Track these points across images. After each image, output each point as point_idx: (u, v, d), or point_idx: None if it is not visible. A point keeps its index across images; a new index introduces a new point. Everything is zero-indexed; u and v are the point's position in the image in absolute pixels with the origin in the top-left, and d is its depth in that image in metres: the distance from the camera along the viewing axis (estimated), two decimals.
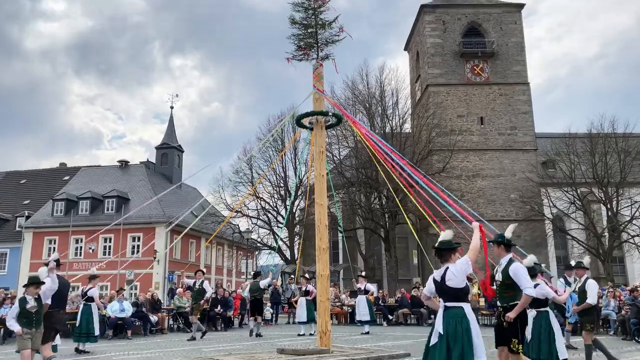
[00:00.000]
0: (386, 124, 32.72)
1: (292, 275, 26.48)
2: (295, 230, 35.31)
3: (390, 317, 19.85)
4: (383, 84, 33.71)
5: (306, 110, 10.13)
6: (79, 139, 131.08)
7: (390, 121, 32.93)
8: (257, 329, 14.79)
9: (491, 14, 39.64)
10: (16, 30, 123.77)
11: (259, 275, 16.24)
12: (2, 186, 44.68)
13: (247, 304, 17.19)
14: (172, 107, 46.77)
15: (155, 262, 32.89)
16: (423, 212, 11.56)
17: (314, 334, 12.91)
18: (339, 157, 34.48)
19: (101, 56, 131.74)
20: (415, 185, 9.60)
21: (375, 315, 17.53)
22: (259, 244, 36.37)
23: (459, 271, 4.95)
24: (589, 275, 8.68)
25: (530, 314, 6.56)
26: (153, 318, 16.86)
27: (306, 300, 15.36)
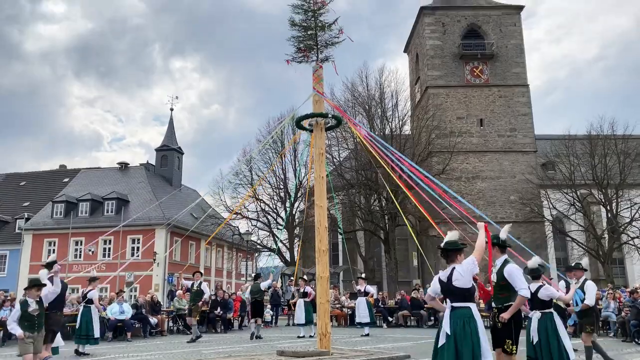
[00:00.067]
0: (386, 125, 32.71)
1: (292, 277, 26.46)
2: (295, 232, 35.29)
3: (390, 319, 19.85)
4: (383, 86, 33.71)
5: (306, 112, 10.12)
6: (78, 141, 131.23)
7: (390, 123, 32.92)
8: (257, 331, 14.78)
9: (490, 16, 39.73)
10: (16, 33, 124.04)
11: (260, 277, 16.25)
12: (1, 188, 44.69)
13: (248, 306, 17.17)
14: (172, 109, 46.81)
15: (155, 264, 32.88)
16: (425, 214, 11.55)
17: (314, 336, 12.91)
18: (338, 158, 34.49)
19: (101, 58, 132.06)
20: (415, 187, 9.60)
21: (375, 317, 17.55)
22: (258, 246, 36.36)
23: (465, 271, 4.95)
24: (587, 277, 8.69)
25: (534, 315, 6.56)
26: (153, 320, 16.85)
27: (304, 302, 15.38)
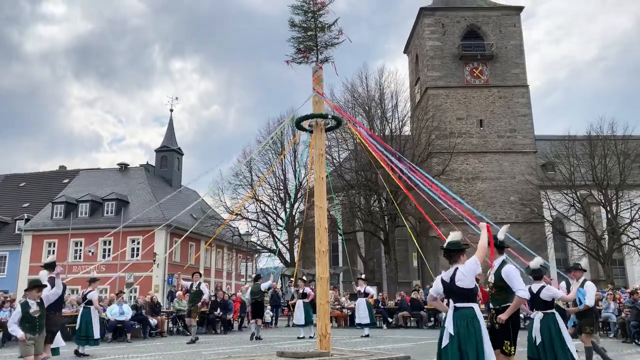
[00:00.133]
0: (385, 126, 32.70)
1: (292, 278, 26.45)
2: (295, 233, 35.27)
3: (390, 319, 19.85)
4: (382, 86, 33.68)
5: (306, 113, 10.11)
6: (78, 141, 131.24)
7: (390, 124, 32.91)
8: (257, 332, 14.77)
9: (490, 17, 39.73)
10: (16, 34, 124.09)
11: (260, 278, 16.24)
12: (1, 189, 44.70)
13: (248, 306, 17.17)
14: (171, 110, 46.84)
15: (155, 265, 32.87)
16: (426, 216, 11.55)
17: (314, 336, 12.90)
18: (338, 159, 34.47)
19: (101, 59, 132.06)
20: (414, 188, 9.59)
21: (375, 318, 17.54)
22: (258, 247, 36.33)
23: (468, 271, 4.96)
24: (586, 278, 8.69)
25: (536, 315, 6.57)
26: (153, 321, 16.84)
27: (303, 302, 15.36)
